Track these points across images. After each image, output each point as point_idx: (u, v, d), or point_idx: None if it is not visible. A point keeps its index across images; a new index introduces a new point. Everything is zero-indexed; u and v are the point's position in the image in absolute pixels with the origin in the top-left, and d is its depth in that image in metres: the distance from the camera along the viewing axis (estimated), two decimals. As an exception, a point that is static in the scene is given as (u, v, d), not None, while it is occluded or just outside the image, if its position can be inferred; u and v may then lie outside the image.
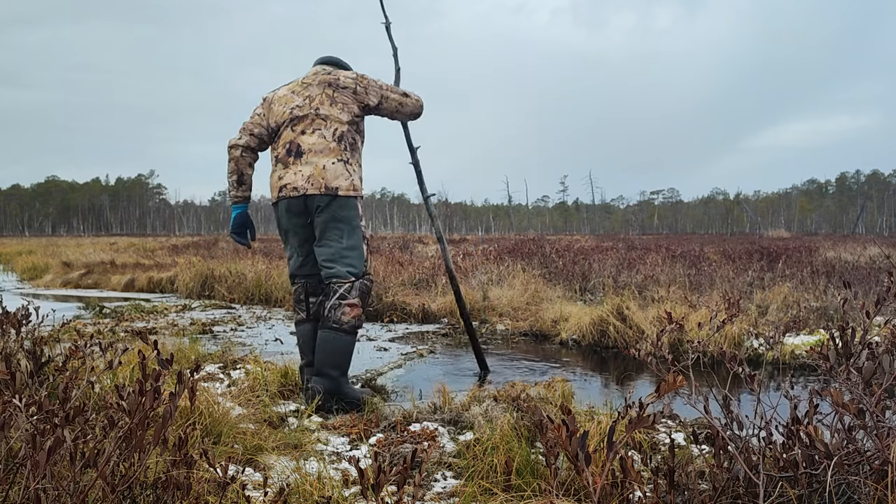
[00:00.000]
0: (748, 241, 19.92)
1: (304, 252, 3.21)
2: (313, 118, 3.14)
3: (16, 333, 2.54)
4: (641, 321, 4.88)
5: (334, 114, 3.15)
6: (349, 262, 3.06)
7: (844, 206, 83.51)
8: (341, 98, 3.18)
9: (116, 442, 1.38)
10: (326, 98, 3.17)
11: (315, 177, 3.04)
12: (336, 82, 3.20)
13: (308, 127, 3.14)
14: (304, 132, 3.13)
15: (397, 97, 3.32)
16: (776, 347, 4.02)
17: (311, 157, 3.08)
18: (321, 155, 3.08)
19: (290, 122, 3.18)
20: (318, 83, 3.21)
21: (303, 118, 3.15)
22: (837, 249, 12.05)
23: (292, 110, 3.18)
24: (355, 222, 3.11)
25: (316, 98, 3.17)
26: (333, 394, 2.99)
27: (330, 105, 3.16)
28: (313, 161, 3.07)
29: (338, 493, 1.86)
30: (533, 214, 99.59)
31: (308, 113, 3.15)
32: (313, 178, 3.04)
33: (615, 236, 31.99)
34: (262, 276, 8.49)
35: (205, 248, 16.40)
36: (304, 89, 3.21)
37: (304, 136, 3.12)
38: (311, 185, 3.04)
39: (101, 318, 6.27)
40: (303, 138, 3.12)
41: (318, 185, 3.04)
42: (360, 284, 3.08)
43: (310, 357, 3.19)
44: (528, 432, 2.30)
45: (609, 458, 1.28)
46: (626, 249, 11.68)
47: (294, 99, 3.21)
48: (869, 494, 1.42)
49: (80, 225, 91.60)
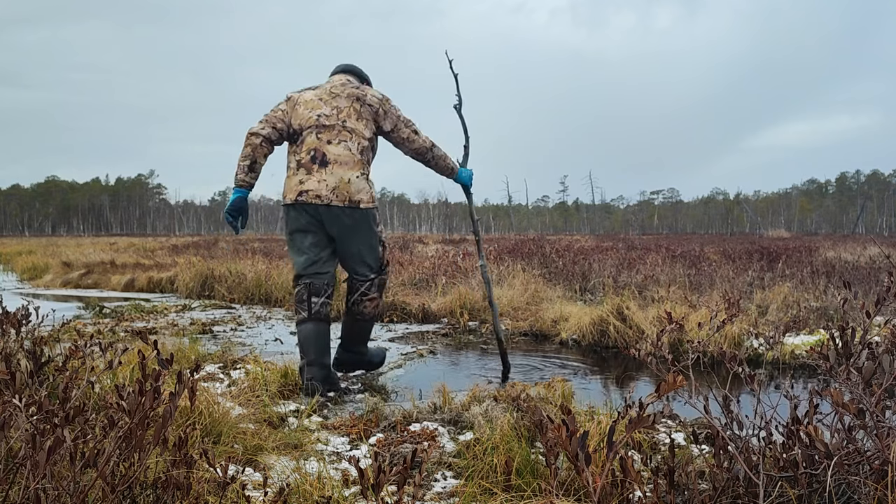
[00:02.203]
0: (748, 241, 19.92)
1: (314, 253, 3.34)
2: (340, 129, 3.29)
3: (16, 333, 2.54)
4: (641, 321, 4.88)
5: (360, 128, 3.33)
6: (368, 264, 3.41)
7: (844, 206, 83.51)
8: (366, 114, 3.36)
9: (116, 442, 1.38)
10: (354, 112, 3.33)
11: (340, 189, 3.24)
12: (364, 98, 3.37)
13: (334, 137, 3.28)
14: (330, 142, 3.28)
15: (408, 131, 3.46)
16: (776, 347, 4.02)
17: (336, 169, 3.25)
18: (346, 167, 3.26)
19: (315, 129, 3.30)
20: (347, 96, 3.36)
21: (329, 128, 3.29)
22: (837, 249, 12.05)
23: (318, 117, 3.30)
24: (373, 230, 3.39)
25: (344, 110, 3.32)
26: (358, 365, 3.68)
27: (356, 119, 3.33)
28: (338, 173, 3.25)
29: (338, 493, 1.86)
30: (533, 214, 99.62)
31: (335, 123, 3.30)
32: (338, 190, 3.24)
33: (615, 236, 32.00)
34: (262, 276, 8.49)
35: (205, 248, 16.40)
36: (332, 99, 3.35)
37: (330, 146, 3.27)
38: (335, 197, 3.24)
39: (101, 318, 6.27)
40: (328, 148, 3.27)
41: (342, 197, 3.25)
42: (378, 280, 3.48)
43: (311, 357, 3.26)
44: (528, 432, 2.30)
45: (609, 458, 1.28)
46: (626, 249, 11.68)
47: (321, 106, 3.33)
48: (869, 494, 1.42)
49: (80, 225, 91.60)
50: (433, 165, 3.60)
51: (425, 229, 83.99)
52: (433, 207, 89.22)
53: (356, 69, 3.60)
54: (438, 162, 3.58)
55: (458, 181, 3.77)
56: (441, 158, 3.58)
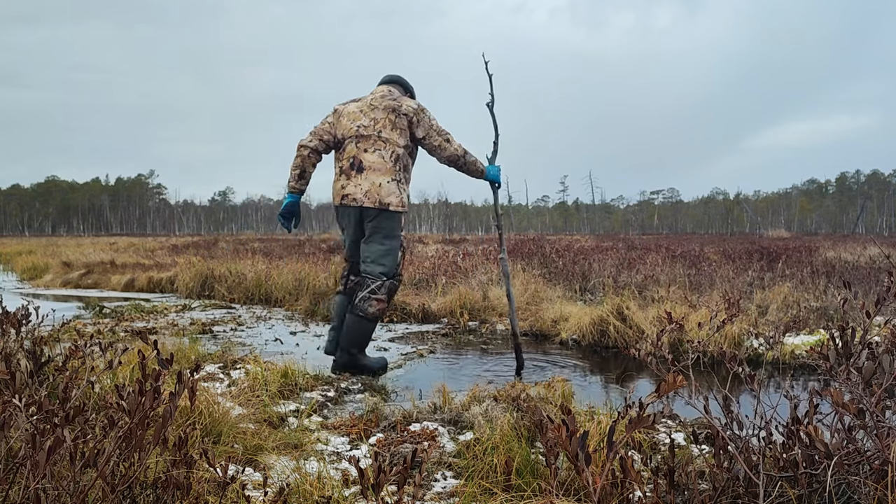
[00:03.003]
0: (748, 241, 19.92)
1: (354, 244, 3.83)
2: (376, 139, 3.65)
3: (16, 333, 2.54)
4: (641, 321, 4.88)
5: (394, 137, 3.66)
6: (383, 264, 3.67)
7: (844, 206, 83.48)
8: (401, 124, 3.69)
9: (116, 442, 1.38)
10: (389, 122, 3.67)
11: (371, 192, 3.60)
12: (399, 109, 3.69)
13: (371, 146, 3.65)
14: (367, 150, 3.64)
15: (440, 139, 3.74)
16: (776, 347, 4.02)
17: (370, 174, 3.62)
18: (379, 173, 3.62)
19: (355, 139, 3.68)
20: (384, 108, 3.70)
21: (367, 137, 3.66)
22: (837, 249, 12.05)
23: (358, 128, 3.68)
24: (396, 233, 3.70)
25: (380, 121, 3.67)
26: (349, 367, 3.71)
27: (391, 129, 3.67)
28: (371, 178, 3.61)
29: (338, 492, 1.86)
30: (533, 214, 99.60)
31: (372, 134, 3.66)
32: (370, 193, 3.61)
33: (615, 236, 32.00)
34: (262, 276, 8.48)
35: (205, 248, 16.40)
36: (371, 111, 3.71)
37: (366, 154, 3.64)
38: (367, 199, 3.61)
39: (101, 318, 6.27)
40: (365, 156, 3.64)
41: (373, 199, 3.61)
42: (390, 284, 3.70)
43: (335, 322, 3.85)
44: (528, 432, 2.30)
45: (609, 458, 1.28)
46: (626, 249, 11.68)
47: (361, 118, 3.70)
48: (869, 494, 1.42)
49: (80, 225, 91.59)
50: (465, 170, 3.86)
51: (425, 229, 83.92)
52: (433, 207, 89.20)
53: (400, 80, 3.94)
54: (469, 167, 3.84)
55: (488, 179, 3.95)
56: (472, 164, 3.83)
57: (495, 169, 3.95)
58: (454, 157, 3.75)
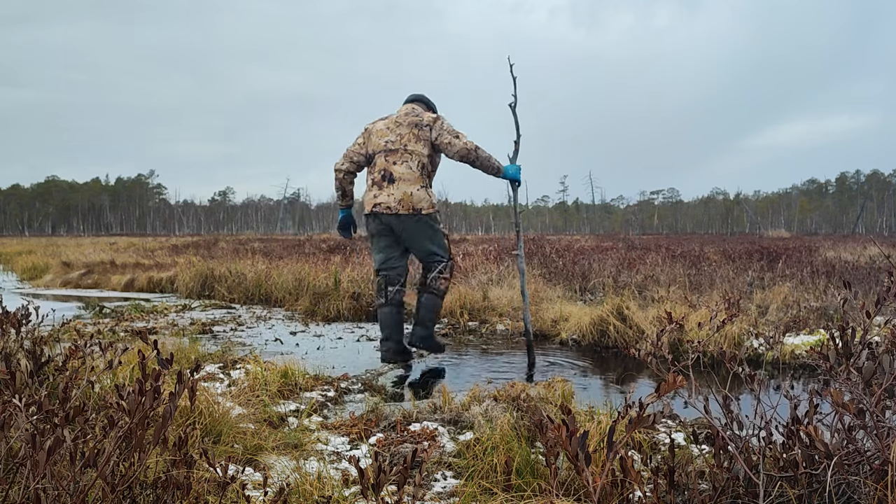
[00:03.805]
0: (748, 241, 19.92)
1: (388, 252, 4.14)
2: (402, 152, 4.02)
3: (16, 333, 2.54)
4: (641, 321, 4.88)
5: (418, 149, 4.02)
6: (439, 252, 4.14)
7: (844, 206, 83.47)
8: (423, 135, 4.05)
9: (116, 442, 1.38)
10: (413, 136, 4.03)
11: (405, 201, 3.97)
12: (420, 122, 4.07)
13: (398, 159, 4.01)
14: (395, 163, 4.01)
15: (450, 137, 4.01)
16: (776, 347, 4.02)
17: (401, 184, 3.98)
18: (408, 183, 3.99)
19: (384, 153, 4.06)
20: (408, 124, 4.07)
21: (394, 151, 4.03)
22: (837, 249, 12.06)
23: (386, 143, 4.06)
24: (436, 227, 4.12)
25: (405, 136, 4.04)
26: (426, 339, 4.15)
27: (415, 142, 4.03)
28: (402, 187, 3.98)
29: (338, 492, 1.86)
30: (533, 214, 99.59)
31: (398, 147, 4.03)
32: (403, 201, 3.97)
33: (615, 236, 31.99)
34: (262, 276, 8.48)
35: (205, 247, 16.40)
36: (397, 127, 4.08)
37: (396, 166, 4.01)
38: (401, 207, 3.97)
39: (101, 318, 6.27)
40: (394, 168, 4.00)
41: (407, 207, 3.98)
42: (450, 263, 4.19)
43: (387, 333, 4.11)
44: (528, 432, 2.30)
45: (609, 457, 1.28)
46: (626, 249, 11.68)
47: (388, 134, 4.08)
48: (869, 494, 1.42)
49: (80, 225, 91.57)
50: (479, 166, 4.02)
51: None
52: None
53: (423, 98, 4.32)
54: (483, 162, 4.00)
55: (506, 177, 4.12)
56: (485, 159, 4.00)
57: (515, 167, 4.12)
58: (464, 152, 3.95)
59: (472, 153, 3.95)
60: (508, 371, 4.03)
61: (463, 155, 3.96)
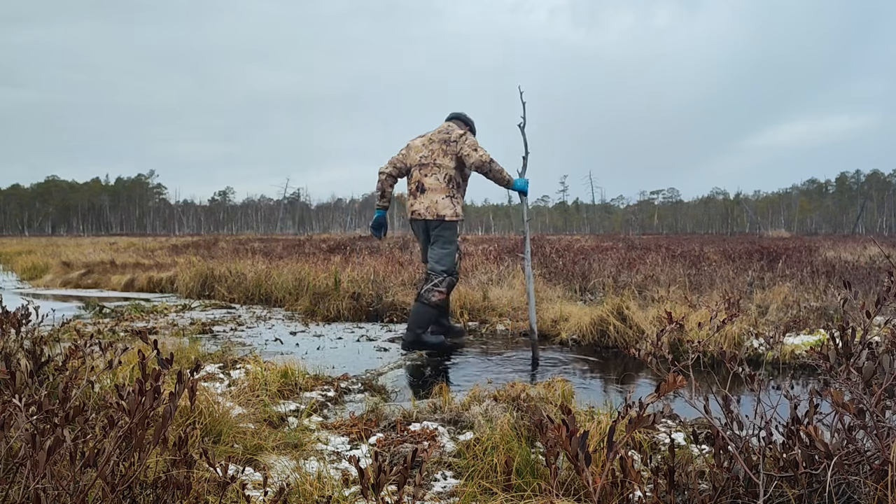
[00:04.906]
0: (748, 240, 19.92)
1: (426, 249, 4.84)
2: (432, 166, 4.69)
3: (16, 333, 2.54)
4: (641, 321, 4.88)
5: (446, 163, 4.66)
6: (444, 263, 4.65)
7: (844, 206, 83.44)
8: (450, 150, 4.66)
9: (116, 441, 1.38)
10: (441, 152, 4.68)
11: (431, 208, 4.66)
12: (448, 139, 4.69)
13: (429, 172, 4.69)
14: (426, 175, 4.70)
15: (469, 149, 4.59)
16: (776, 347, 4.02)
17: (430, 194, 4.67)
18: (435, 192, 4.66)
19: (418, 167, 4.75)
20: (439, 141, 4.71)
21: (426, 165, 4.71)
22: (837, 249, 12.06)
23: (420, 158, 4.75)
24: (453, 238, 4.69)
25: (435, 151, 4.70)
26: (415, 344, 4.60)
27: (443, 156, 4.67)
28: (430, 196, 4.66)
29: (338, 492, 1.86)
30: (533, 214, 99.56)
31: (429, 162, 4.70)
32: (430, 208, 4.66)
33: (615, 236, 31.99)
34: (262, 276, 8.48)
35: (205, 247, 16.40)
36: (430, 143, 4.75)
37: (426, 178, 4.69)
38: (428, 213, 4.67)
39: (101, 318, 6.27)
40: (425, 179, 4.70)
41: (432, 213, 4.66)
42: (449, 280, 4.68)
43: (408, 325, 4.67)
44: (528, 432, 2.30)
45: (609, 457, 1.28)
46: (626, 249, 11.68)
47: (422, 150, 4.76)
48: (869, 494, 1.42)
49: (80, 225, 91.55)
50: (492, 177, 4.56)
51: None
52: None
53: (462, 116, 4.96)
54: (496, 175, 4.54)
55: (515, 189, 4.57)
56: (498, 172, 4.53)
57: (523, 181, 4.56)
58: (479, 163, 4.52)
59: (487, 165, 4.51)
60: (508, 371, 4.02)
61: (478, 166, 4.54)
